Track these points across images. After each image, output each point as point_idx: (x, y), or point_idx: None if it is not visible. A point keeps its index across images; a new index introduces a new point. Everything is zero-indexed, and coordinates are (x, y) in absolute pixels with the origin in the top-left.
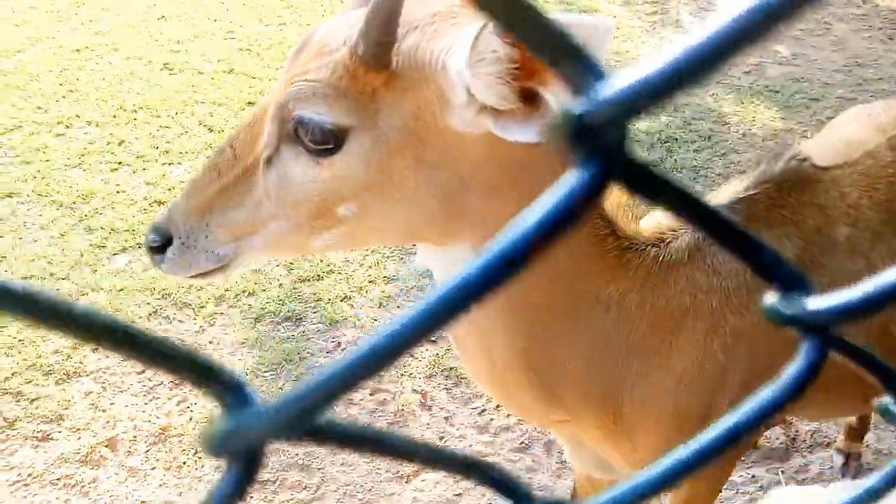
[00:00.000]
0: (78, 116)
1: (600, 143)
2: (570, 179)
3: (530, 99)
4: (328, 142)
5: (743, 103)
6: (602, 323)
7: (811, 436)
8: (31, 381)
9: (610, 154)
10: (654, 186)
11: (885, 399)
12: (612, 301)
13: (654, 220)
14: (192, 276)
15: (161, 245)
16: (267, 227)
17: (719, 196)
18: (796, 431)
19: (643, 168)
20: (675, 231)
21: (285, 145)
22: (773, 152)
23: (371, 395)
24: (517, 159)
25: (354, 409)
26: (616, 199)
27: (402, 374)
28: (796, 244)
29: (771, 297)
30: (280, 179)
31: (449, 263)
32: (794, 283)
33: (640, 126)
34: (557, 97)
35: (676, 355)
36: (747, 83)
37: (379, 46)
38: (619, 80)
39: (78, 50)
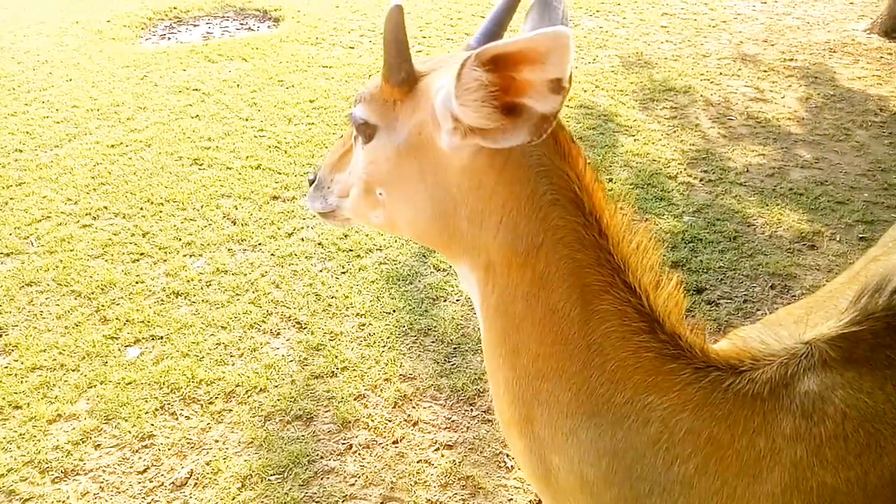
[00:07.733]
0: (106, 208)
1: None
2: None
3: (513, 111)
4: (364, 134)
5: (767, 205)
6: (636, 437)
7: None
8: (26, 479)
9: None
10: None
11: None
12: (653, 415)
13: (738, 342)
14: (315, 212)
15: (311, 181)
16: (350, 194)
17: (810, 329)
18: None
19: None
20: (756, 360)
21: (356, 132)
22: (875, 284)
23: None
24: (498, 193)
25: None
26: (673, 299)
27: (416, 483)
28: None
29: None
30: (354, 157)
31: (462, 279)
32: None
33: (664, 226)
34: (537, 100)
35: None
36: (770, 186)
37: (391, 67)
38: None
39: (112, 146)
